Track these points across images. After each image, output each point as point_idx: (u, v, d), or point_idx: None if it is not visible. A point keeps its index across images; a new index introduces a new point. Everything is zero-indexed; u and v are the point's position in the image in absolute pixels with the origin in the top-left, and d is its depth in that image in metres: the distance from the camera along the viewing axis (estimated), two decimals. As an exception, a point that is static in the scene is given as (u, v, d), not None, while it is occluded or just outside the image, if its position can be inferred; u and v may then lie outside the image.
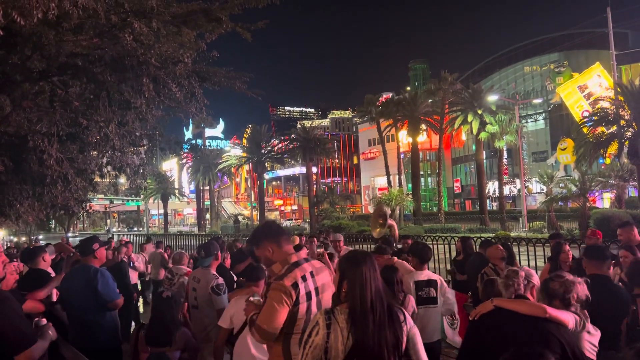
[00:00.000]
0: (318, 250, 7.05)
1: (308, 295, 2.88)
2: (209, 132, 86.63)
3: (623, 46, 40.55)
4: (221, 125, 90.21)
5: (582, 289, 3.12)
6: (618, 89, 24.97)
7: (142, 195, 56.25)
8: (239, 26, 8.34)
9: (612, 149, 23.92)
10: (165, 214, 61.82)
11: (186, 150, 58.24)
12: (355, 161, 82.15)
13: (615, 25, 33.55)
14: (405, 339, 2.54)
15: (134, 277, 9.28)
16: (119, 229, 77.23)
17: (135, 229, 72.47)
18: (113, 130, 8.36)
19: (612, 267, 4.85)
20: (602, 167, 34.57)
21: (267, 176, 69.54)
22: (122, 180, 15.36)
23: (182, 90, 8.01)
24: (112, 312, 4.76)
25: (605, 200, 38.86)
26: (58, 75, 8.06)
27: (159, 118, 10.53)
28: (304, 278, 2.89)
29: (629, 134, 23.00)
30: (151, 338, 4.13)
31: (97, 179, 11.72)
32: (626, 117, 23.42)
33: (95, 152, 10.23)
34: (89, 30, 7.29)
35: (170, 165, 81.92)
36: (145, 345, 4.11)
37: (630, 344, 3.70)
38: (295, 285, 2.83)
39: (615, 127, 23.78)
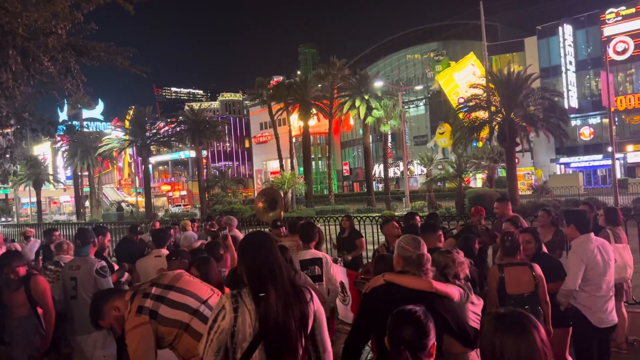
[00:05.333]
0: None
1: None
2: (86, 113, 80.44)
3: (494, 38, 44.16)
4: (100, 106, 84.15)
5: (464, 269, 3.37)
6: (489, 77, 27.08)
7: (10, 182, 51.14)
8: (120, -3, 7.79)
9: (484, 133, 26.05)
10: (39, 202, 56.73)
11: (61, 133, 53.74)
12: (247, 145, 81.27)
13: (487, 19, 36.29)
14: (312, 317, 2.56)
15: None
16: (-16, 220, 69.57)
17: (4, 219, 65.69)
18: (-27, 108, 7.46)
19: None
20: (476, 150, 37.61)
21: (152, 160, 66.36)
22: (-14, 165, 13.80)
23: (56, 65, 7.33)
24: None
25: (478, 180, 42.40)
26: None
27: (29, 96, 9.58)
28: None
29: (499, 119, 25.18)
30: None
31: (-45, 163, 10.43)
32: (496, 104, 25.59)
33: (-49, 133, 9.09)
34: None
35: (43, 149, 75.26)
36: None
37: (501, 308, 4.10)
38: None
39: (487, 113, 25.91)
